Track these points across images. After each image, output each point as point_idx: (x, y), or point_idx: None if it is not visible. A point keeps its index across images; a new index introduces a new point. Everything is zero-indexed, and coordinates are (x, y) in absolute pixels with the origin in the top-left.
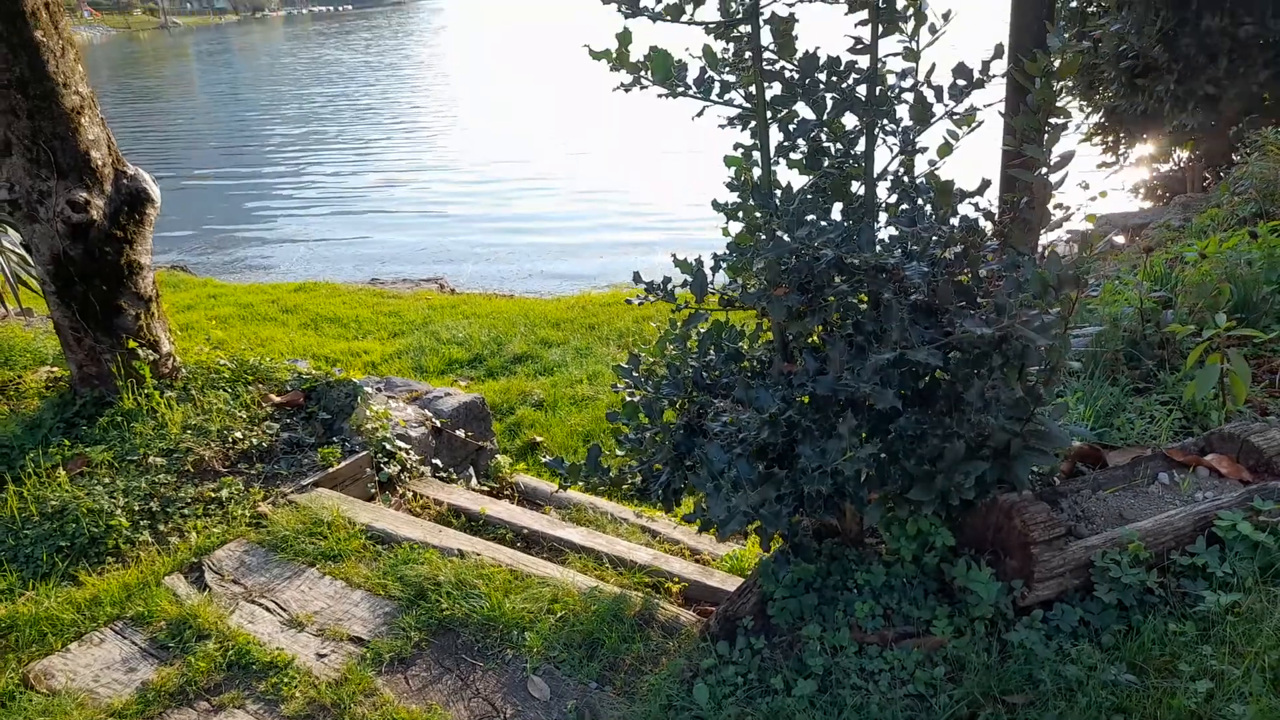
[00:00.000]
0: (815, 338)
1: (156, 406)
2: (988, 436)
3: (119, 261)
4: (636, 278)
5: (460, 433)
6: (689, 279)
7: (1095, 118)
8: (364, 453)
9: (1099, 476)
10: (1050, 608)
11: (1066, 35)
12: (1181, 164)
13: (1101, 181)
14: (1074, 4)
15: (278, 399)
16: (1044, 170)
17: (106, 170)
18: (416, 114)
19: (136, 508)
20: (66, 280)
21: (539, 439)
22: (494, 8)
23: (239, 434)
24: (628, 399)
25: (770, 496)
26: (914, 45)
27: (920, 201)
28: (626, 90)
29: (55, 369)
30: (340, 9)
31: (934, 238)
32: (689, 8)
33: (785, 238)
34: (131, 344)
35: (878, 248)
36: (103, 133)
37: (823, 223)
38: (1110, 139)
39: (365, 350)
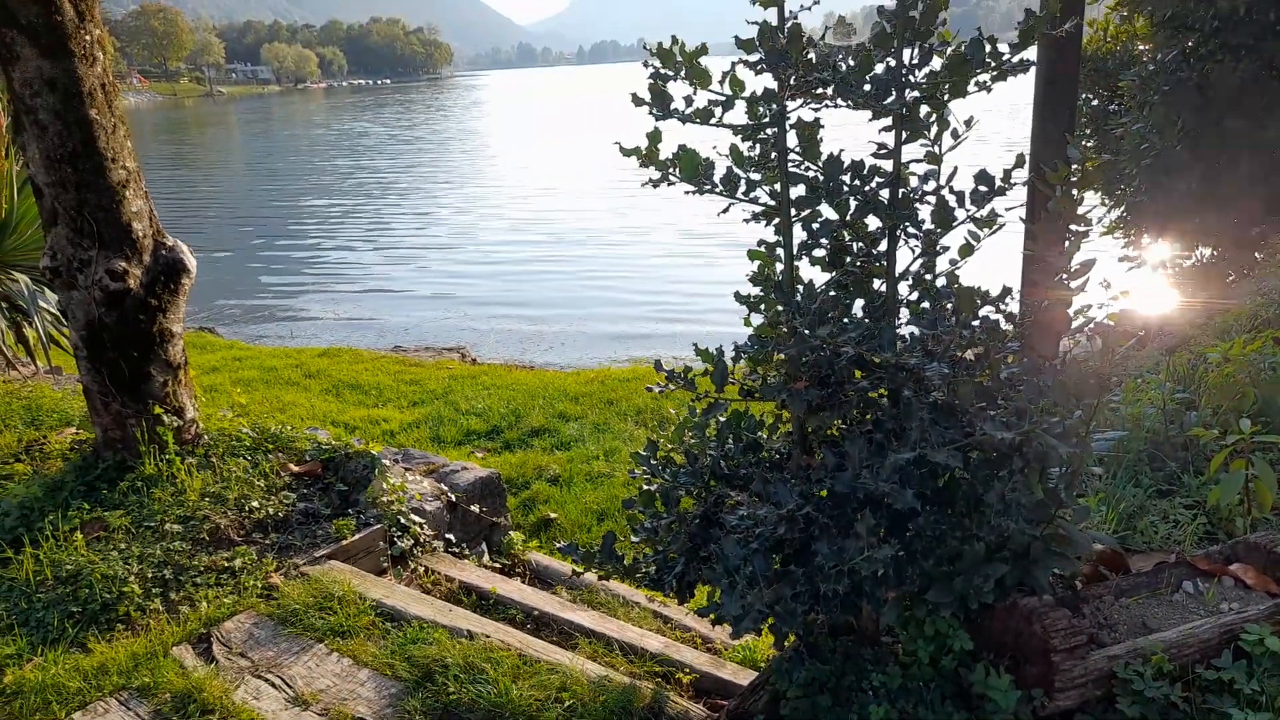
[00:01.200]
0: (834, 430)
1: (176, 473)
2: (1008, 539)
3: (151, 329)
4: (658, 366)
5: (475, 508)
6: (710, 368)
7: (1116, 212)
8: (378, 526)
9: (1122, 582)
10: (1071, 719)
11: (1089, 142)
12: (1204, 262)
13: (1122, 276)
14: (1095, 102)
15: (296, 468)
16: (1064, 277)
17: (146, 241)
18: (445, 188)
19: (150, 575)
20: (99, 346)
21: (553, 515)
22: (533, 85)
23: (256, 503)
24: (645, 487)
25: (786, 595)
26: (936, 149)
27: (941, 303)
28: (655, 185)
29: (80, 431)
30: (379, 82)
31: (955, 340)
32: (718, 111)
33: (807, 333)
34: (157, 410)
35: (899, 345)
36: (145, 205)
37: (844, 319)
38: (1131, 234)
39: (385, 418)
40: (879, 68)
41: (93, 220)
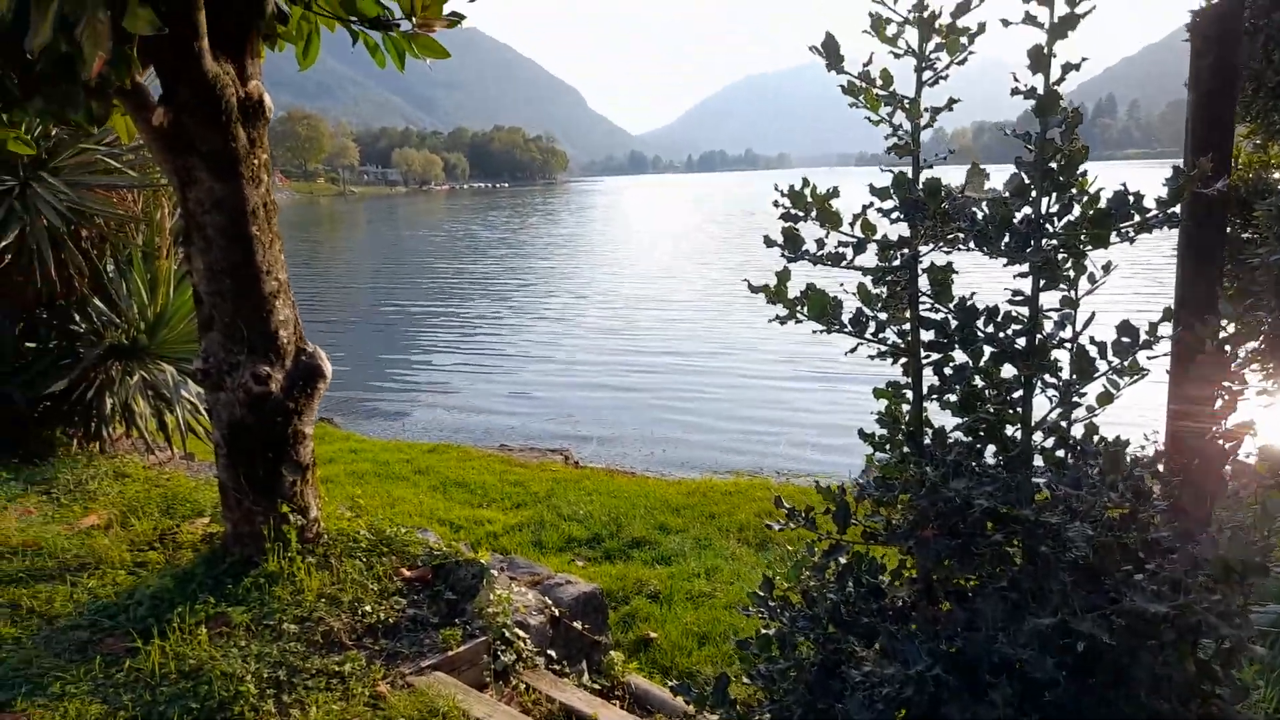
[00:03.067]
0: (962, 581)
1: (296, 572)
2: (1158, 717)
3: (286, 431)
4: (779, 502)
5: (578, 625)
6: (831, 507)
7: (1252, 344)
8: (483, 638)
9: None
10: None
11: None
12: None
13: (1261, 412)
14: (1228, 230)
15: (408, 573)
16: (1216, 434)
17: (289, 347)
18: (551, 290)
19: (265, 675)
20: (238, 446)
21: (653, 635)
22: (643, 192)
23: (369, 607)
24: (762, 630)
25: None
26: (1073, 294)
27: (1085, 460)
28: (782, 323)
29: (210, 523)
30: (497, 186)
31: (1100, 502)
32: (849, 252)
33: (939, 483)
34: (284, 508)
35: (1038, 501)
36: (291, 313)
37: (975, 464)
38: (1270, 367)
39: (489, 519)
40: (1016, 215)
41: (244, 327)
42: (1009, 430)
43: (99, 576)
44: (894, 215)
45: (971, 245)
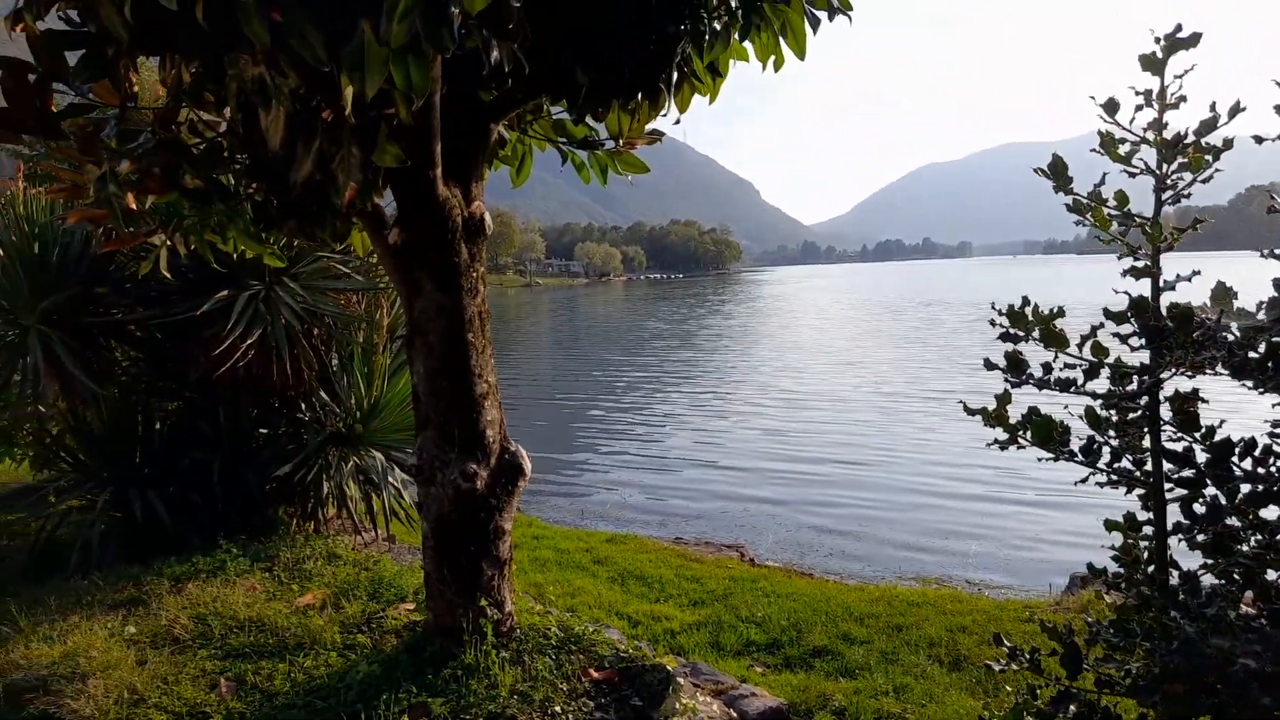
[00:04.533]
0: None
1: (491, 666)
2: None
3: (488, 526)
4: (998, 640)
5: None
6: (1057, 648)
7: None
8: None
9: None
10: None
11: None
12: None
13: None
14: None
15: (596, 674)
16: None
17: (495, 446)
18: (727, 381)
19: None
20: (443, 539)
21: None
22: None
23: (558, 708)
24: None
25: None
26: None
27: None
28: (1003, 448)
29: (412, 609)
30: (672, 276)
31: None
32: (1079, 375)
33: (1190, 630)
34: (483, 602)
35: None
36: (498, 414)
37: (1231, 614)
38: None
39: (666, 615)
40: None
41: (456, 427)
42: (1270, 576)
43: (313, 656)
44: (1132, 341)
45: (1227, 373)
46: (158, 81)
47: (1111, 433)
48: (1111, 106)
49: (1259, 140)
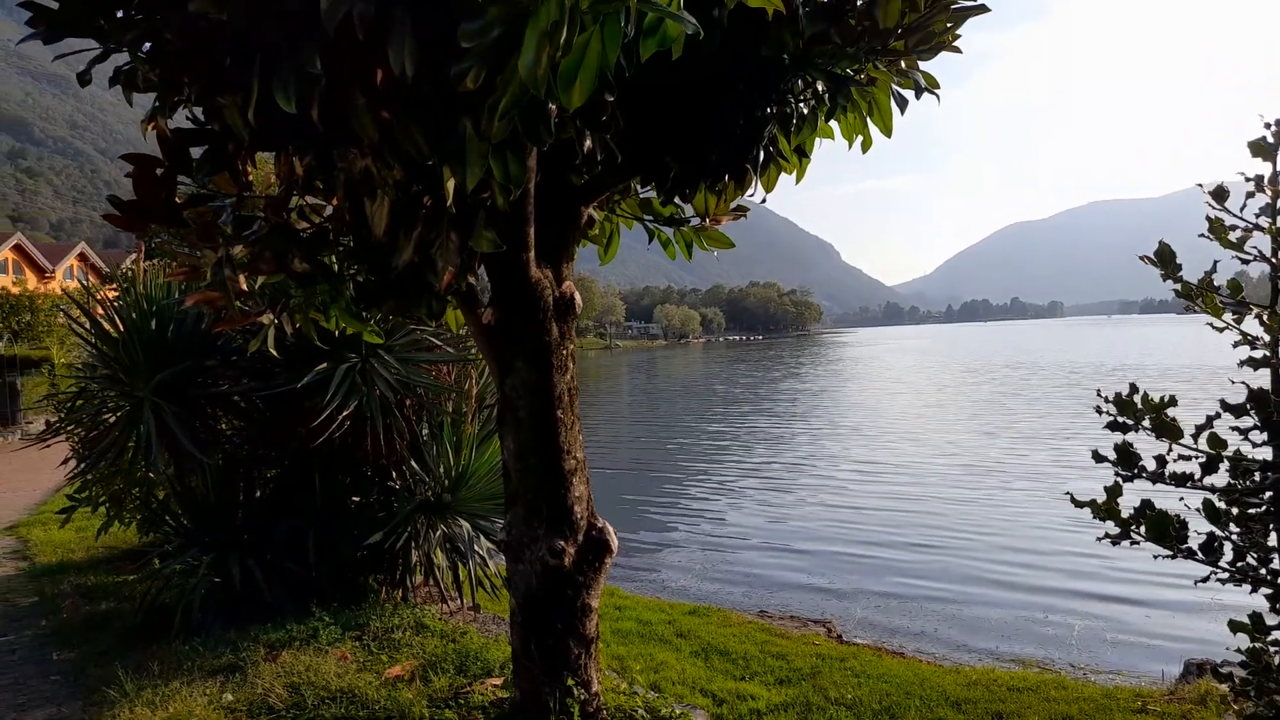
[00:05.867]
0: None
1: None
2: None
3: (575, 604)
4: None
5: None
6: None
7: None
8: None
9: None
10: None
11: None
12: None
13: None
14: None
15: None
16: None
17: (582, 522)
18: (806, 446)
19: None
20: (531, 616)
21: None
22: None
23: None
24: None
25: None
26: None
27: None
28: (1115, 543)
29: (499, 684)
30: (750, 338)
31: None
32: (1195, 469)
33: None
34: (569, 681)
35: None
36: (585, 490)
37: None
38: None
39: (752, 694)
40: None
41: (544, 503)
42: None
43: None
44: (1254, 436)
45: None
46: (271, 171)
47: (1233, 526)
48: (1220, 194)
49: None
